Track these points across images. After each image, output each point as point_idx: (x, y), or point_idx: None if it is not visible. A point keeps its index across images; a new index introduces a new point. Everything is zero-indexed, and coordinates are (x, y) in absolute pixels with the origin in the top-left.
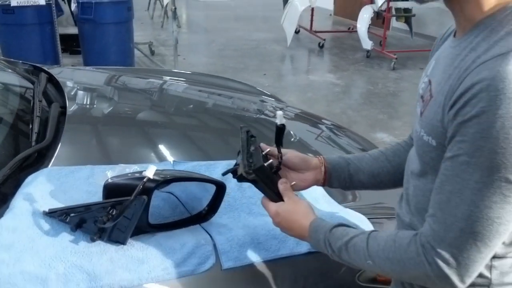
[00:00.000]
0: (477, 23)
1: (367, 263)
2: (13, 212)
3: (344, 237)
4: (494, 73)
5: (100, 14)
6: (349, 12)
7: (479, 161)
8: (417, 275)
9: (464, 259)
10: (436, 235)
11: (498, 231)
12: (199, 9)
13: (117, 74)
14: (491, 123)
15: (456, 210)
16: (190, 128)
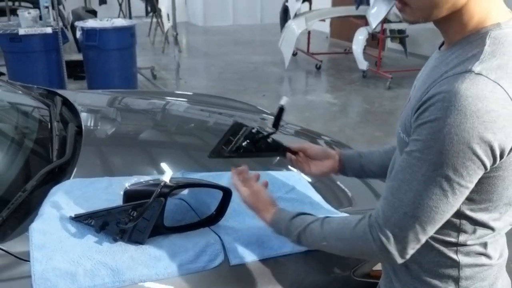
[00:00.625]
0: (455, 42)
1: (322, 244)
2: (43, 217)
3: (302, 224)
4: (450, 88)
5: (104, 40)
6: (344, 34)
7: (427, 158)
8: (364, 250)
9: (403, 238)
10: (384, 215)
11: (435, 219)
12: (198, 34)
13: (125, 96)
14: (441, 128)
15: (404, 196)
16: (195, 144)
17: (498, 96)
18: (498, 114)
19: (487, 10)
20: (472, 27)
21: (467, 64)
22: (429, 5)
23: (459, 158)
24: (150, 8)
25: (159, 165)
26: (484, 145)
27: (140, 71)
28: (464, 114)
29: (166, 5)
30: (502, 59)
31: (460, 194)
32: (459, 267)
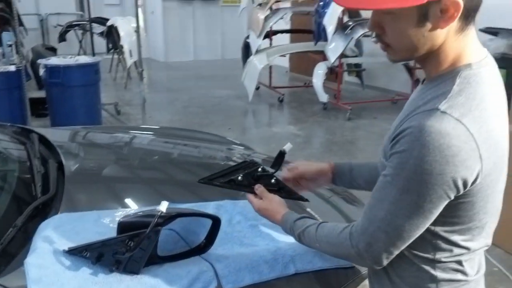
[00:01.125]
0: (432, 78)
1: (316, 245)
2: (37, 252)
3: (302, 226)
4: (417, 124)
5: (68, 77)
6: (303, 68)
7: (397, 183)
8: (346, 255)
9: (375, 248)
10: (362, 227)
11: (402, 236)
12: (160, 70)
13: (98, 131)
14: (408, 159)
15: (377, 213)
16: (174, 176)
17: (460, 133)
18: (460, 149)
19: (461, 51)
20: (447, 66)
21: (436, 101)
22: (409, 47)
23: (423, 186)
24: (112, 45)
25: (142, 197)
26: (445, 176)
27: (104, 107)
28: (427, 148)
29: (128, 41)
30: (467, 98)
31: (425, 217)
32: (437, 282)
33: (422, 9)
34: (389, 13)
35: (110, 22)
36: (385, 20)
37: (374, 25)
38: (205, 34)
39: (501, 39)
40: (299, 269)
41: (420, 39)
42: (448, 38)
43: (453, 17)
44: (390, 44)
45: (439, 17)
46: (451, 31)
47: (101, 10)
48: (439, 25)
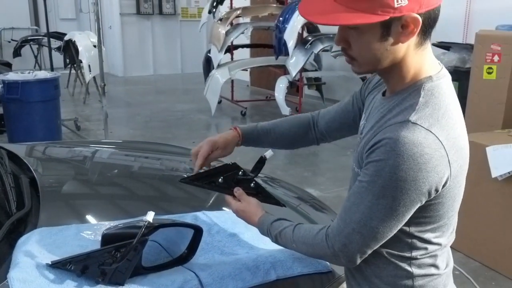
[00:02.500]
0: (397, 91)
1: (292, 246)
2: (19, 266)
3: (279, 227)
4: (392, 135)
5: (27, 93)
6: (263, 82)
7: (372, 189)
8: (322, 254)
9: (350, 248)
10: (338, 228)
11: (376, 237)
12: (119, 84)
13: (64, 146)
14: (383, 167)
15: (353, 216)
16: (146, 189)
17: (430, 142)
18: (431, 157)
19: (421, 65)
20: (410, 79)
21: (406, 113)
22: (373, 60)
23: (397, 192)
24: (69, 60)
25: (120, 209)
26: (418, 182)
27: (64, 122)
28: (402, 157)
29: (87, 56)
30: (434, 109)
31: (398, 220)
32: (413, 277)
33: (385, 25)
34: (355, 28)
35: (68, 36)
36: (350, 35)
37: (340, 39)
38: (164, 48)
39: (453, 53)
40: (280, 275)
41: (383, 53)
42: (409, 52)
43: (413, 32)
44: (355, 58)
45: (400, 32)
46: (411, 45)
47: (56, 24)
48: (400, 39)
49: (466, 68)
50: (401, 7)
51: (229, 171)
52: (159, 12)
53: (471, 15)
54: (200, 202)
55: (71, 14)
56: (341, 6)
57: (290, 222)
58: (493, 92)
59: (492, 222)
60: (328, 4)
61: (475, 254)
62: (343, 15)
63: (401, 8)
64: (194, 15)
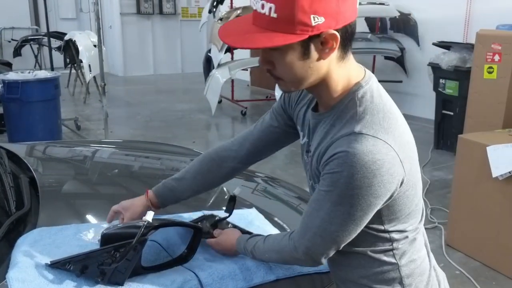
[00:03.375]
0: (331, 105)
1: (266, 256)
2: (18, 266)
3: (253, 242)
4: (342, 149)
5: (27, 93)
6: (264, 82)
7: (330, 197)
8: (289, 258)
9: (313, 250)
10: (300, 233)
11: (336, 240)
12: (119, 84)
13: (64, 145)
14: (338, 178)
15: (314, 220)
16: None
17: (380, 147)
18: (383, 161)
19: (347, 76)
20: (340, 91)
21: (349, 126)
22: (298, 78)
23: (354, 199)
24: (69, 60)
25: None
26: (374, 187)
27: (64, 122)
28: (355, 168)
29: (87, 56)
30: (373, 115)
31: (356, 224)
32: (399, 268)
33: (305, 44)
34: (276, 49)
35: (68, 36)
36: (273, 56)
37: (264, 61)
38: (164, 48)
39: (454, 52)
40: (280, 276)
41: (307, 71)
42: (332, 67)
43: (333, 48)
44: (281, 77)
45: (320, 49)
46: (333, 60)
47: (56, 24)
48: (322, 56)
49: (467, 67)
50: (318, 25)
51: (206, 219)
52: (159, 12)
53: (471, 15)
54: (200, 202)
55: (71, 13)
56: (259, 28)
57: (261, 236)
58: (493, 92)
59: (493, 222)
60: (248, 27)
61: (475, 254)
62: (261, 37)
63: (318, 26)
64: (194, 15)
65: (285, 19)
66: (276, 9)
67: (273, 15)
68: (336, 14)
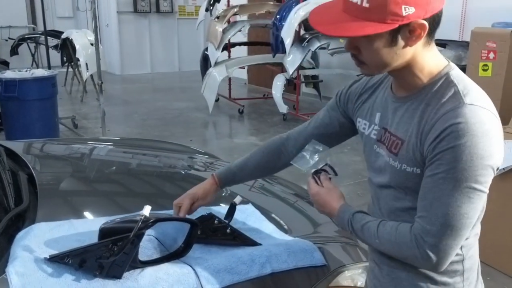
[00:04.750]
0: (420, 86)
1: (375, 241)
2: (18, 260)
3: (362, 220)
4: (457, 120)
5: (24, 91)
6: (261, 81)
7: (453, 176)
8: (408, 255)
9: (443, 245)
10: (424, 229)
11: (466, 224)
12: (116, 83)
13: (64, 143)
14: (462, 150)
15: (437, 211)
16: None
17: (491, 117)
18: (496, 131)
19: (434, 58)
20: (428, 73)
21: (454, 100)
22: (382, 64)
23: (478, 170)
24: (66, 58)
25: (117, 206)
26: (493, 156)
27: (61, 121)
28: (477, 136)
29: (84, 54)
30: (475, 91)
31: (481, 198)
32: (463, 260)
33: (394, 32)
34: (364, 36)
35: (65, 35)
36: (360, 42)
37: (350, 46)
38: (161, 46)
39: (449, 50)
40: (275, 269)
41: (392, 57)
42: (417, 52)
43: (420, 36)
44: (365, 62)
45: (408, 37)
46: (419, 46)
47: (53, 23)
48: (408, 44)
49: (462, 65)
50: (408, 15)
51: (205, 221)
52: (156, 10)
53: (467, 13)
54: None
55: (68, 12)
56: (350, 17)
57: (373, 217)
58: (488, 89)
59: (487, 218)
60: (338, 15)
61: None
62: (353, 26)
63: (409, 16)
64: (191, 13)
65: (377, 9)
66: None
67: (365, 4)
68: (426, 4)
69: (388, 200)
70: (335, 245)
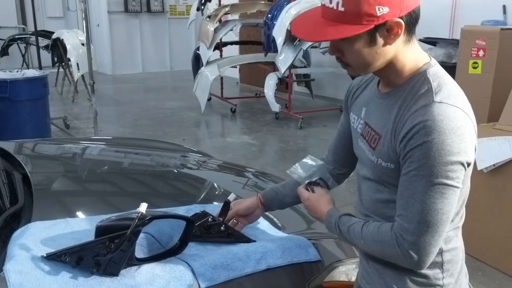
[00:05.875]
0: (400, 84)
1: (360, 242)
2: (15, 258)
3: (348, 222)
4: (425, 118)
5: (15, 92)
6: (253, 80)
7: (424, 173)
8: (392, 254)
9: (421, 242)
10: (403, 227)
11: (442, 219)
12: (108, 83)
13: (58, 142)
14: (430, 147)
15: (413, 208)
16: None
17: (460, 115)
18: (465, 128)
19: (414, 55)
20: (409, 70)
21: (425, 98)
22: (366, 63)
23: (447, 166)
24: (57, 58)
25: (112, 205)
26: (462, 152)
27: (53, 121)
28: (444, 133)
29: (75, 54)
30: (447, 88)
31: (455, 193)
32: (442, 252)
33: (371, 33)
34: (344, 39)
35: (56, 35)
36: (342, 45)
37: (333, 50)
38: (153, 46)
39: (440, 48)
40: (271, 265)
41: (374, 56)
42: (398, 50)
43: (398, 34)
44: (349, 63)
45: (386, 36)
46: (399, 44)
47: (43, 23)
48: (388, 42)
49: (452, 63)
50: (383, 14)
51: (200, 219)
52: (147, 10)
53: (457, 11)
54: (191, 197)
55: (59, 12)
56: (328, 21)
57: (358, 218)
58: (478, 87)
59: (478, 214)
60: (318, 21)
61: None
62: (331, 30)
63: (383, 15)
64: (183, 13)
65: (352, 12)
66: (343, 3)
67: (341, 8)
68: (400, 3)
69: (369, 192)
70: (329, 241)
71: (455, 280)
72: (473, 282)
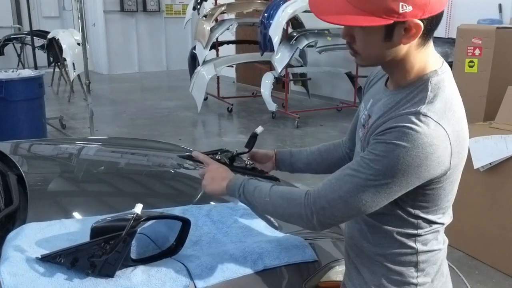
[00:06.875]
0: (403, 85)
1: (265, 200)
2: (9, 260)
3: (256, 183)
4: (404, 123)
5: (11, 92)
6: (249, 79)
7: (375, 166)
8: (293, 211)
9: (328, 212)
10: (321, 191)
11: (360, 208)
12: (104, 82)
13: (53, 143)
14: (393, 150)
15: (344, 185)
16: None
17: (439, 134)
18: (437, 147)
19: (425, 60)
20: (414, 74)
21: (416, 106)
22: (375, 56)
23: (399, 174)
24: (53, 58)
25: (108, 205)
26: (421, 169)
27: (49, 121)
28: (412, 144)
29: (71, 54)
30: (441, 102)
31: (388, 198)
32: (417, 253)
33: (389, 28)
34: (360, 27)
35: (51, 34)
36: (356, 31)
37: (346, 34)
38: (149, 46)
39: (436, 47)
40: (267, 265)
41: (384, 52)
42: (410, 51)
43: (415, 36)
44: (358, 52)
45: (402, 35)
46: (413, 46)
47: (39, 23)
48: (402, 41)
49: (449, 62)
50: (405, 12)
51: (223, 152)
52: (143, 9)
53: (453, 10)
54: (187, 197)
55: (54, 12)
56: (349, 5)
57: (264, 182)
58: (475, 86)
59: (475, 213)
60: (338, 3)
61: (459, 244)
62: (350, 16)
63: (405, 13)
64: (179, 12)
65: (375, 2)
66: None
67: None
68: (424, 5)
69: None
70: (326, 241)
71: (431, 280)
72: (470, 281)
